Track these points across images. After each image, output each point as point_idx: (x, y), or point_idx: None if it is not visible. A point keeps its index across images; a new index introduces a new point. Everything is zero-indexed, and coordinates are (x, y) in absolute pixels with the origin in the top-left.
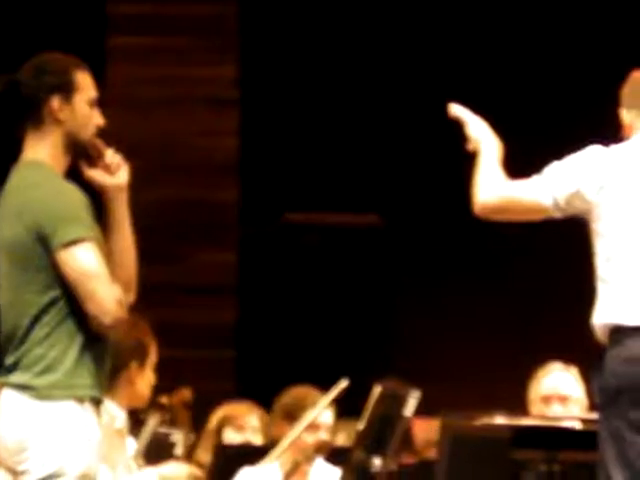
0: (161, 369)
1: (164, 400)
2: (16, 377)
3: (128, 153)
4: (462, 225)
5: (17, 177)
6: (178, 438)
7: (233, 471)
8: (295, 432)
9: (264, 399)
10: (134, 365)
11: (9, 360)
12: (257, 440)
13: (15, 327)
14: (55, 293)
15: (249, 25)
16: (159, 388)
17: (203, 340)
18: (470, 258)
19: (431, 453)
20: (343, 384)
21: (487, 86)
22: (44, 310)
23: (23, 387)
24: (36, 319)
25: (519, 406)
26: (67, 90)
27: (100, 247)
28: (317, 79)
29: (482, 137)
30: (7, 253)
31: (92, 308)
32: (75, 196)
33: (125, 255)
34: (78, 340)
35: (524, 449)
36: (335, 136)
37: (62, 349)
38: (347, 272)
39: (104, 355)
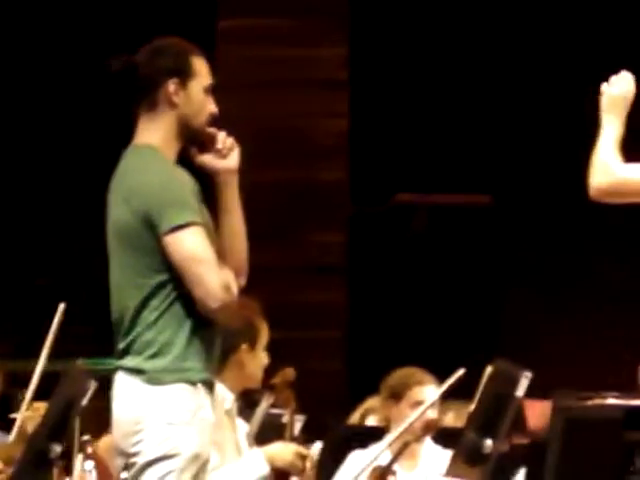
0: (271, 350)
1: (275, 381)
2: (128, 361)
3: (238, 136)
4: (577, 203)
5: (127, 161)
6: (288, 419)
7: (345, 453)
8: (409, 420)
9: (372, 380)
10: (244, 347)
11: (121, 344)
12: None
13: (124, 310)
14: (163, 277)
15: (359, 6)
16: (270, 369)
17: (313, 320)
18: (585, 237)
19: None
20: (460, 372)
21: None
22: (152, 294)
23: (135, 370)
24: (145, 303)
25: (633, 389)
26: (183, 75)
27: (208, 232)
28: (428, 59)
29: (612, 111)
30: (117, 236)
31: (199, 292)
32: (183, 181)
33: (236, 239)
34: (187, 324)
35: (637, 430)
36: (444, 117)
37: (171, 333)
38: (456, 253)
39: (214, 339)
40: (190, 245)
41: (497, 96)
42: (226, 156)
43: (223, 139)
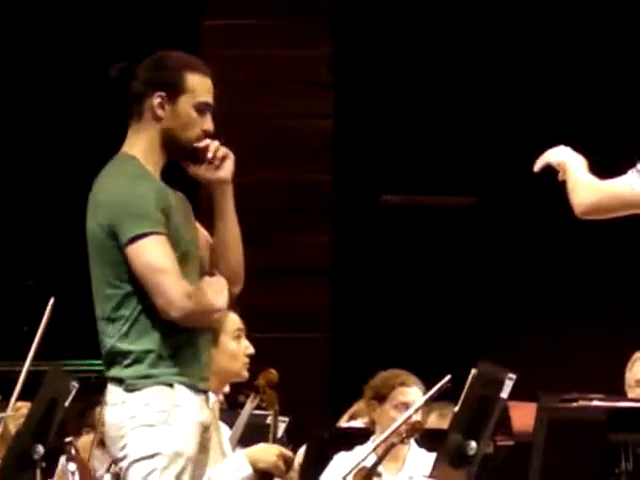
0: (255, 351)
1: (258, 382)
2: (110, 371)
3: (221, 135)
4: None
5: (104, 171)
6: (273, 420)
7: (330, 455)
8: (395, 425)
9: (357, 381)
10: None
11: (104, 352)
12: None
13: (100, 320)
14: (130, 287)
15: (344, 6)
16: (254, 371)
17: (297, 322)
18: (569, 238)
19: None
20: (446, 379)
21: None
22: (121, 304)
23: (116, 380)
24: (115, 313)
25: (617, 391)
26: (172, 89)
27: (178, 242)
28: (413, 61)
29: (565, 158)
30: (90, 248)
31: (160, 302)
32: (145, 192)
33: (230, 248)
34: (159, 332)
35: (621, 432)
36: (429, 118)
37: (144, 343)
38: (441, 254)
39: (196, 341)
40: (149, 255)
41: (482, 98)
42: (219, 167)
43: (215, 149)
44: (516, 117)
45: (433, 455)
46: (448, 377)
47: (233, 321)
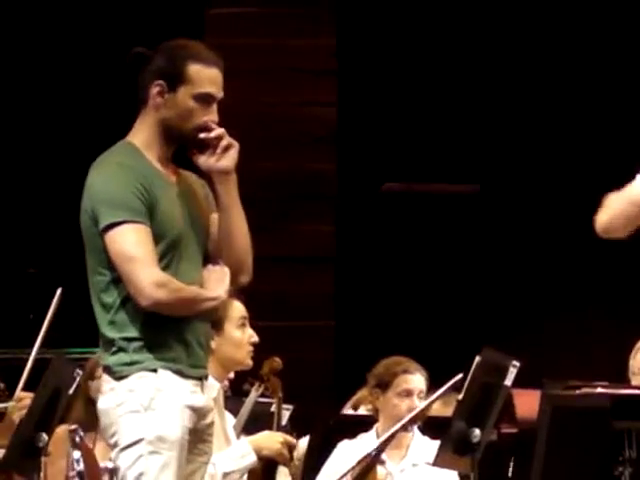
0: (260, 339)
1: (262, 370)
2: (102, 358)
3: (226, 124)
4: (564, 191)
5: (100, 157)
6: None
7: (334, 443)
8: (402, 422)
9: (361, 369)
10: None
11: (100, 341)
12: None
13: (94, 309)
14: (114, 274)
15: None
16: (258, 359)
17: (301, 310)
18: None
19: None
20: (457, 378)
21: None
22: (105, 290)
23: (106, 368)
24: (101, 301)
25: (621, 379)
26: (172, 79)
27: (162, 230)
28: (417, 49)
29: None
30: (83, 234)
31: (130, 289)
32: (124, 180)
33: (234, 237)
34: (142, 319)
35: (625, 419)
36: (433, 106)
37: (129, 331)
38: (445, 242)
39: (184, 328)
40: (121, 243)
41: (486, 85)
42: (222, 156)
43: (218, 138)
44: (520, 105)
45: (436, 443)
46: (459, 376)
47: (237, 309)
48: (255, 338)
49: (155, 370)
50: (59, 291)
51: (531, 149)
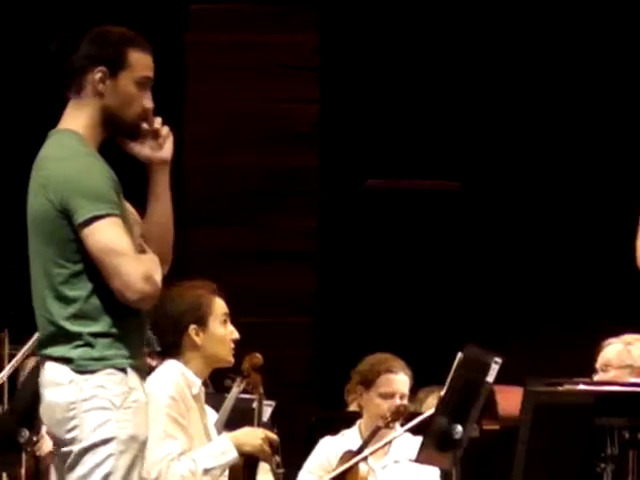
0: (240, 335)
1: (243, 366)
2: (54, 350)
3: (209, 120)
4: (546, 189)
5: (47, 147)
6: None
7: (316, 438)
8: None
9: (342, 366)
10: (193, 328)
11: (43, 333)
12: None
13: (41, 299)
14: (78, 267)
15: None
16: (239, 355)
17: (283, 306)
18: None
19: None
20: (429, 413)
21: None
22: (67, 283)
23: (62, 359)
24: (60, 293)
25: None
26: (114, 65)
27: (127, 223)
28: (399, 46)
29: None
30: (33, 224)
31: (117, 284)
32: (100, 172)
33: (162, 228)
34: (110, 314)
35: (607, 416)
36: (415, 103)
37: (96, 325)
38: (426, 239)
39: (143, 326)
40: (107, 236)
41: (467, 82)
42: (161, 146)
43: (159, 127)
44: (502, 102)
45: (419, 439)
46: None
47: (220, 306)
48: (236, 335)
49: (124, 369)
50: None
51: (513, 147)
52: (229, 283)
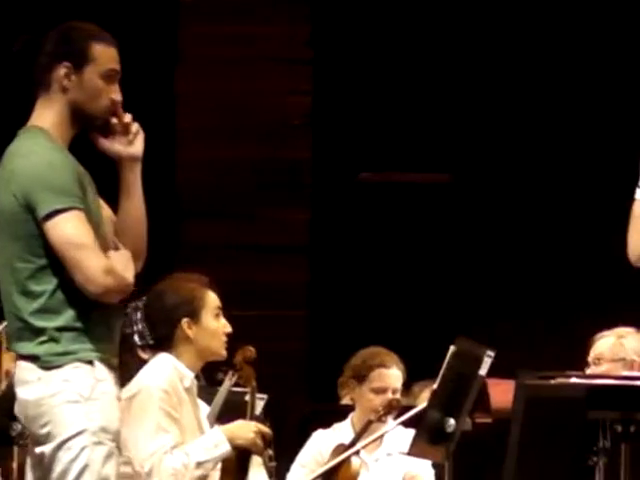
0: (233, 328)
1: (235, 359)
2: (20, 347)
3: (201, 112)
4: (535, 181)
5: (15, 143)
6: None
7: (309, 432)
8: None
9: (335, 359)
10: (185, 322)
11: (12, 329)
12: None
13: (7, 295)
14: (43, 261)
15: None
16: (231, 348)
17: (275, 299)
18: (544, 215)
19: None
20: (420, 408)
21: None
22: (32, 277)
23: (29, 357)
24: (25, 288)
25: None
26: (78, 59)
27: (97, 218)
28: (392, 38)
29: None
30: (0, 221)
31: (79, 277)
32: (63, 167)
33: (134, 224)
34: (75, 309)
35: (600, 409)
36: (406, 96)
37: (61, 320)
38: (417, 231)
39: (110, 320)
40: (69, 230)
41: (458, 75)
42: (131, 142)
43: (129, 123)
44: (492, 95)
45: (411, 432)
46: (422, 406)
47: (213, 299)
48: (229, 328)
49: (91, 362)
50: None
51: (502, 139)
52: (222, 276)
